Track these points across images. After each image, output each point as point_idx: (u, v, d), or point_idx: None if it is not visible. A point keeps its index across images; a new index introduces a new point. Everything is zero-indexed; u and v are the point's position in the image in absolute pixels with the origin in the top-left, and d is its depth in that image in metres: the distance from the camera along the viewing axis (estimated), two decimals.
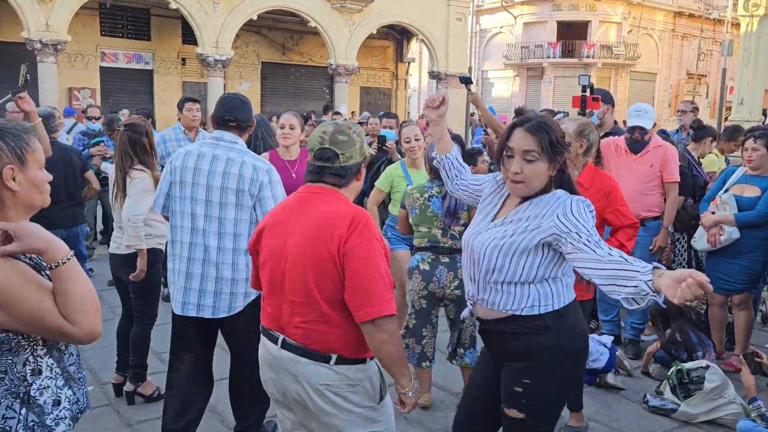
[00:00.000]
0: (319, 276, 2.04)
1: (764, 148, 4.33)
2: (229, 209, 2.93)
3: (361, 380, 2.12)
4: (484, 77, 37.86)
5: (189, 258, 2.97)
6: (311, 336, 2.08)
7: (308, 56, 22.91)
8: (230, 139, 3.02)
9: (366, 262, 2.01)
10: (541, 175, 2.15)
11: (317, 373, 2.08)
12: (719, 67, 28.20)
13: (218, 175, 2.92)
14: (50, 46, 16.18)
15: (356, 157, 2.16)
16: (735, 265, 4.40)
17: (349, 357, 2.09)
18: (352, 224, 2.03)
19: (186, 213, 2.97)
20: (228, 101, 3.07)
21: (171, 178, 3.02)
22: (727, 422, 3.69)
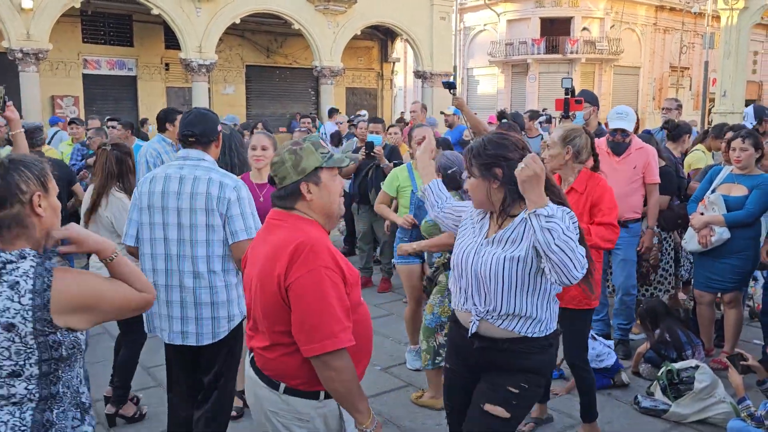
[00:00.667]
0: (267, 307, 2.01)
1: (752, 147, 4.37)
2: (200, 231, 2.82)
3: (312, 417, 2.04)
4: (469, 75, 37.92)
5: (166, 285, 2.88)
6: (265, 361, 2.08)
7: (293, 58, 22.82)
8: (196, 156, 2.90)
9: (308, 296, 1.92)
10: (478, 190, 2.31)
11: (269, 399, 2.08)
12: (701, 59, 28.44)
13: (186, 197, 2.81)
14: (31, 55, 15.99)
15: (290, 177, 2.06)
16: (725, 264, 4.44)
17: (296, 389, 2.03)
18: (294, 255, 1.94)
19: (158, 239, 2.87)
20: (187, 117, 2.96)
21: (139, 203, 2.91)
22: (717, 422, 3.72)
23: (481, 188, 2.30)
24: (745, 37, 19.28)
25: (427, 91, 22.76)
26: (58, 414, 1.78)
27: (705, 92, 25.88)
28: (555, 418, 3.81)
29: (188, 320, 2.88)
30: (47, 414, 1.75)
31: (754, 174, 4.43)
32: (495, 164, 2.25)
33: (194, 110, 3.03)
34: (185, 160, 2.91)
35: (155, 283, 2.88)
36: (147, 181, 2.92)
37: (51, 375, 1.75)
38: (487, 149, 2.28)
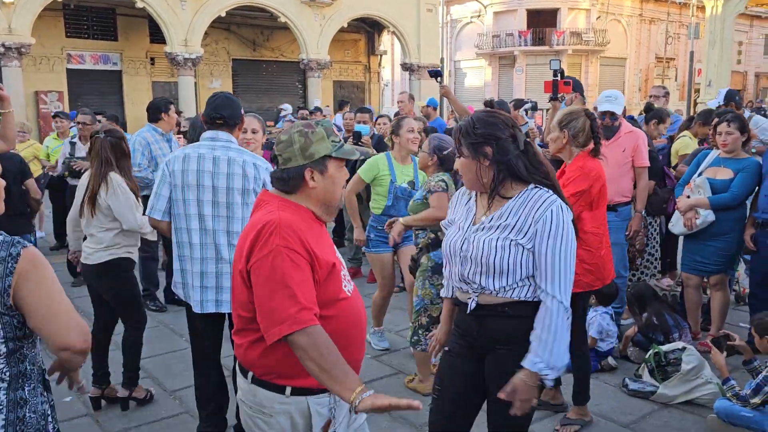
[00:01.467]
0: (237, 291, 1.96)
1: (738, 131, 4.40)
2: (236, 208, 3.03)
3: (275, 412, 1.93)
4: (456, 67, 37.92)
5: (201, 258, 3.07)
6: (236, 347, 2.04)
7: (279, 52, 22.71)
8: (225, 138, 3.09)
9: (268, 277, 1.82)
10: (468, 169, 2.27)
11: (240, 386, 2.05)
12: (687, 50, 28.64)
13: (222, 176, 3.02)
14: (14, 49, 15.81)
15: (296, 160, 1.95)
16: (711, 247, 4.48)
17: (261, 379, 1.95)
18: (258, 237, 1.85)
19: (193, 215, 3.06)
20: (214, 100, 3.14)
21: (172, 181, 3.07)
22: (704, 402, 3.76)
23: (471, 168, 2.25)
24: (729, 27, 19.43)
25: (414, 83, 22.74)
26: (29, 391, 1.81)
27: (690, 82, 26.06)
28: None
29: (222, 290, 3.08)
30: (20, 392, 1.78)
31: (741, 157, 4.47)
32: (485, 143, 2.21)
33: (221, 94, 3.20)
34: (214, 141, 3.08)
35: (189, 255, 3.09)
36: (179, 160, 3.07)
37: (17, 353, 1.78)
38: (476, 128, 2.23)
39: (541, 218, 2.15)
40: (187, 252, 3.10)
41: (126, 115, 18.16)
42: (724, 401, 3.46)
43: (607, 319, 4.39)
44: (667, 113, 6.06)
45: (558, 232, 2.15)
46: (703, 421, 3.61)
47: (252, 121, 4.05)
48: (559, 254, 2.15)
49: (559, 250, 2.15)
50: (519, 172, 2.22)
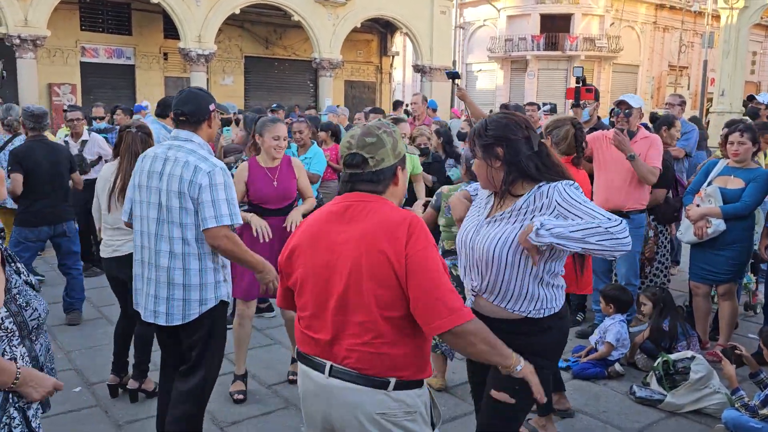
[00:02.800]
0: (377, 289, 1.87)
1: (750, 141, 4.40)
2: (175, 213, 2.82)
3: (418, 407, 1.96)
4: (468, 70, 37.89)
5: (144, 262, 2.92)
6: (367, 359, 1.89)
7: (292, 50, 22.77)
8: (184, 137, 2.90)
9: (429, 269, 1.86)
10: (480, 170, 2.33)
11: (374, 402, 1.90)
12: (700, 58, 28.47)
13: (165, 177, 2.83)
14: (29, 41, 15.93)
15: (389, 159, 1.98)
16: (720, 256, 4.46)
17: (408, 380, 1.92)
18: (410, 230, 1.88)
19: (144, 217, 2.92)
20: (179, 95, 2.95)
21: (133, 182, 2.99)
22: (712, 412, 3.75)
23: (483, 168, 2.32)
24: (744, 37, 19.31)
25: (426, 85, 22.75)
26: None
27: (703, 91, 25.94)
28: None
29: (159, 299, 2.87)
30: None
31: (751, 167, 4.46)
32: (496, 144, 2.26)
33: (187, 89, 3.02)
34: (174, 140, 2.93)
35: (137, 259, 2.98)
36: (140, 160, 2.99)
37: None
38: (488, 129, 2.28)
39: (554, 194, 2.21)
40: (138, 255, 2.97)
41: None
42: (732, 411, 3.45)
43: (625, 327, 4.38)
44: (674, 117, 6.02)
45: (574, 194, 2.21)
46: (710, 430, 3.59)
47: (283, 129, 4.10)
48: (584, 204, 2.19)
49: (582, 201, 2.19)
50: (529, 172, 2.25)
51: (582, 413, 3.81)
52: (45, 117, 5.20)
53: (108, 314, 5.41)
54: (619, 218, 2.13)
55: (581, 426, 3.66)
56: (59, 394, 3.83)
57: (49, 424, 3.56)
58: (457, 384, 4.09)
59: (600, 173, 4.75)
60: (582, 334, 4.95)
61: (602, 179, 4.73)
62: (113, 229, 3.82)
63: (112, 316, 5.37)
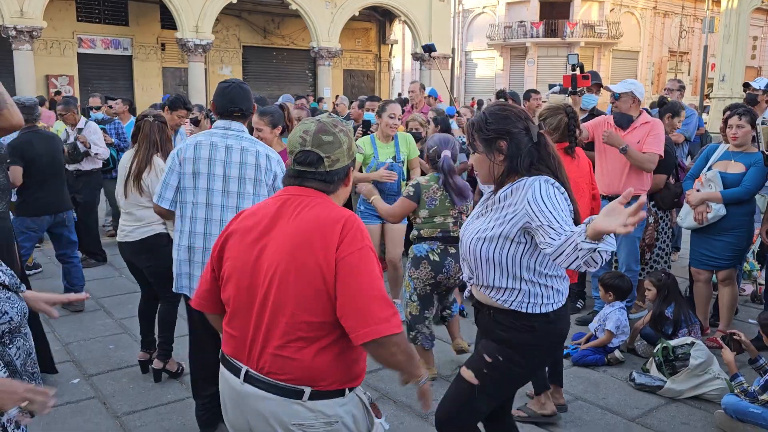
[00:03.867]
0: (305, 292, 1.76)
1: (749, 125, 4.35)
2: (246, 198, 3.00)
3: (340, 416, 1.83)
4: (467, 58, 37.71)
5: (204, 248, 3.00)
6: (284, 365, 1.78)
7: (290, 39, 22.66)
8: (238, 128, 3.07)
9: (361, 273, 1.75)
10: (482, 165, 2.26)
11: (288, 412, 1.79)
12: (701, 44, 28.33)
13: (234, 165, 2.99)
14: (25, 33, 15.85)
15: (343, 160, 1.90)
16: (720, 241, 4.43)
17: (326, 390, 1.80)
18: (344, 230, 1.78)
19: (200, 204, 3.02)
20: (230, 91, 3.06)
21: (181, 170, 3.03)
22: (712, 398, 3.74)
23: (485, 163, 2.25)
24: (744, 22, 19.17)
25: (425, 73, 22.64)
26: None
27: (704, 77, 25.81)
28: None
29: None
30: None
31: (751, 151, 4.42)
32: (498, 138, 2.20)
33: (234, 84, 3.11)
34: (227, 130, 3.05)
35: (192, 245, 3.05)
36: (191, 148, 3.03)
37: None
38: (489, 123, 2.21)
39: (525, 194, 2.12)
40: (188, 241, 3.04)
41: (136, 100, 18.18)
42: (732, 397, 3.44)
43: (625, 315, 4.36)
44: (681, 106, 5.97)
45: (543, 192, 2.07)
46: (710, 416, 3.58)
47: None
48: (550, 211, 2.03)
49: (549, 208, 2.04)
50: (521, 168, 2.19)
51: (581, 400, 3.81)
52: (36, 108, 5.19)
53: (107, 306, 5.40)
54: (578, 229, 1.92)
55: (581, 413, 3.66)
56: (57, 385, 3.85)
57: (46, 416, 3.56)
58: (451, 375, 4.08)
59: (600, 159, 4.73)
60: (582, 321, 4.94)
61: (603, 165, 4.72)
62: (126, 213, 3.92)
63: (110, 308, 5.37)
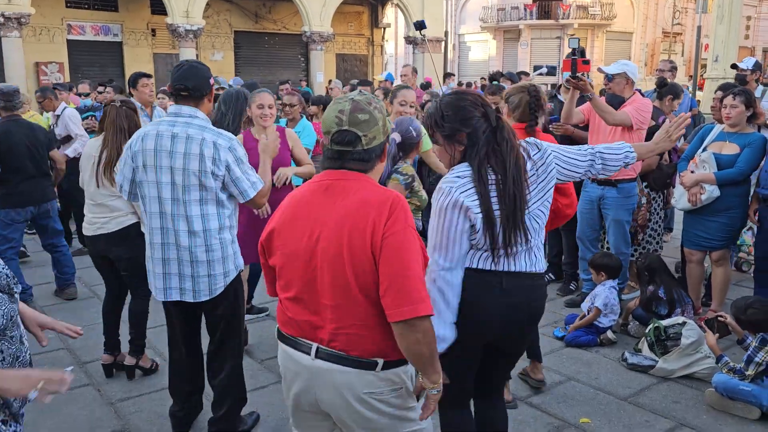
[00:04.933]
0: (358, 271, 1.82)
1: (743, 105, 4.34)
2: (193, 191, 2.80)
3: (404, 382, 1.97)
4: (460, 41, 37.50)
5: (163, 243, 2.88)
6: (353, 342, 1.87)
7: (282, 24, 22.45)
8: (188, 113, 2.84)
9: (402, 253, 1.80)
10: (443, 155, 2.29)
11: (362, 382, 1.89)
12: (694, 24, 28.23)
13: (179, 156, 2.77)
14: (13, 19, 15.64)
15: (380, 137, 1.93)
16: (714, 222, 4.44)
17: (395, 360, 1.91)
18: (391, 209, 1.82)
19: (153, 198, 2.85)
20: (179, 69, 2.87)
21: (133, 163, 2.88)
22: (703, 376, 3.78)
23: (446, 155, 2.28)
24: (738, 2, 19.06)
25: (418, 57, 22.48)
26: None
27: (697, 58, 25.73)
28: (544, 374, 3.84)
29: (185, 277, 2.89)
30: None
31: (746, 132, 4.41)
32: (458, 131, 2.21)
33: (186, 63, 2.94)
34: (176, 116, 2.85)
35: (151, 241, 2.92)
36: (139, 139, 2.87)
37: None
38: (445, 118, 2.21)
39: None
40: (151, 237, 2.92)
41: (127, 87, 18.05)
42: (722, 375, 3.49)
43: (615, 294, 4.39)
44: (681, 88, 5.97)
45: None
46: (701, 395, 3.62)
47: (268, 97, 4.15)
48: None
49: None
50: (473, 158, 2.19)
51: (574, 380, 3.84)
52: (16, 95, 5.11)
53: (100, 293, 5.38)
54: None
55: (573, 393, 3.69)
56: None
57: (41, 405, 3.56)
58: None
59: (592, 140, 4.73)
60: (571, 303, 4.97)
61: None
62: (97, 205, 3.76)
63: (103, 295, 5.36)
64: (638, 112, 4.52)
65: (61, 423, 3.41)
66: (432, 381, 1.92)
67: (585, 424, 3.35)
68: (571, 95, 4.61)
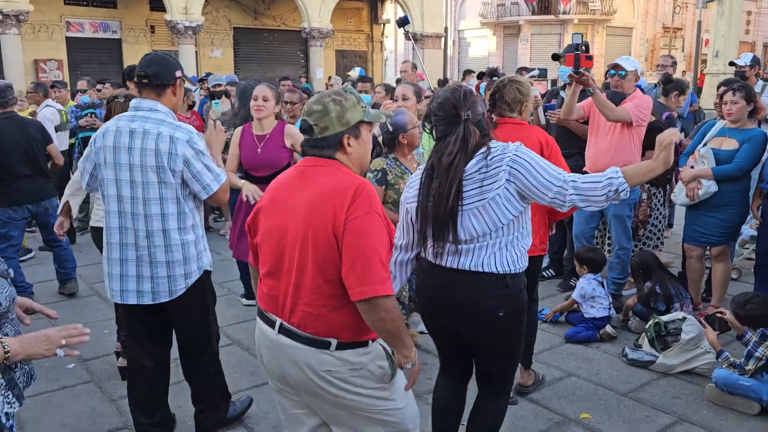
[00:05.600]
0: (319, 253, 1.96)
1: (743, 100, 4.33)
2: (152, 188, 2.69)
3: (364, 364, 2.06)
4: (460, 37, 37.41)
5: (121, 243, 2.78)
6: (311, 321, 2.01)
7: (281, 20, 22.41)
8: (148, 107, 2.73)
9: (364, 236, 1.93)
10: None
11: (318, 360, 2.01)
12: (695, 20, 28.16)
13: (137, 152, 2.67)
14: (12, 16, 15.62)
15: (334, 128, 2.04)
16: (713, 218, 4.44)
17: (349, 341, 2.02)
18: (355, 195, 1.96)
19: (113, 196, 2.76)
20: (145, 57, 2.79)
21: (95, 159, 2.79)
22: (703, 371, 3.78)
23: None
24: None
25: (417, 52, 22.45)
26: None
27: (697, 53, 25.69)
28: (544, 371, 3.84)
29: (143, 279, 2.78)
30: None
31: (747, 128, 4.41)
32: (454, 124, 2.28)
33: (154, 52, 2.89)
34: (136, 110, 2.75)
35: (109, 241, 2.82)
36: (100, 136, 2.78)
37: None
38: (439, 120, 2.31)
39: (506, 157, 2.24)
40: (109, 237, 2.80)
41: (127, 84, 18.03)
42: (722, 371, 3.49)
43: (594, 284, 4.39)
44: (687, 84, 5.96)
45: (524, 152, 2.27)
46: (701, 390, 3.63)
47: (264, 90, 4.18)
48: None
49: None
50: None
51: (575, 376, 3.84)
52: (9, 91, 5.08)
53: (101, 291, 5.40)
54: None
55: (574, 388, 3.69)
56: (52, 370, 3.86)
57: (42, 401, 3.58)
58: None
59: (591, 137, 4.73)
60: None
61: (592, 143, 4.72)
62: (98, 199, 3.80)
63: (104, 293, 5.32)
64: (638, 109, 4.51)
65: (63, 419, 3.42)
66: (404, 355, 2.06)
67: (585, 420, 3.36)
68: (572, 91, 4.60)
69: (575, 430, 3.26)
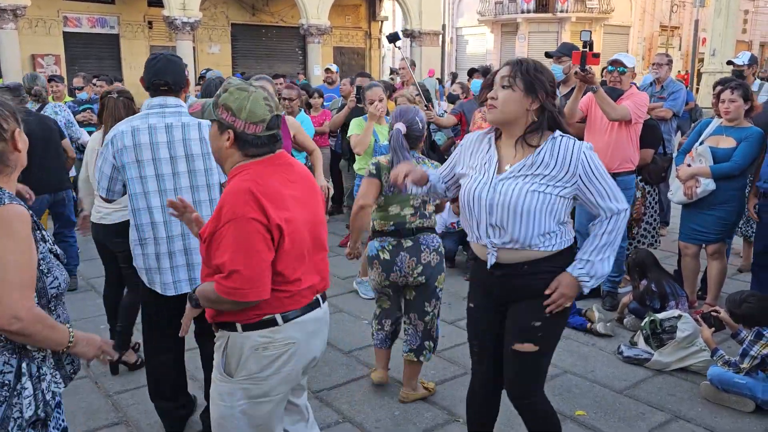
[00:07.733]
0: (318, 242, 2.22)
1: (741, 99, 4.34)
2: (199, 176, 2.83)
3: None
4: (458, 35, 37.40)
5: (167, 237, 2.84)
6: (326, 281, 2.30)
7: (279, 17, 22.38)
8: (175, 103, 2.85)
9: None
10: (514, 102, 2.26)
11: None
12: (692, 18, 28.20)
13: (179, 144, 2.79)
14: (9, 11, 15.58)
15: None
16: (710, 216, 4.46)
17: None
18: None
19: (152, 192, 2.79)
20: (155, 64, 2.85)
21: (115, 160, 2.78)
22: (698, 369, 3.80)
23: (521, 103, 2.27)
24: None
25: (415, 50, 22.46)
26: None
27: (694, 52, 25.75)
28: None
29: (194, 266, 2.86)
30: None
31: (743, 126, 4.41)
32: (539, 88, 2.27)
33: (161, 57, 2.91)
34: (163, 108, 2.83)
35: (155, 236, 2.85)
36: (128, 135, 2.77)
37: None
38: (538, 71, 2.29)
39: (579, 162, 2.25)
40: (150, 233, 2.84)
41: (124, 79, 17.98)
42: (717, 368, 3.51)
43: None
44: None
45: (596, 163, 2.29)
46: (696, 387, 3.64)
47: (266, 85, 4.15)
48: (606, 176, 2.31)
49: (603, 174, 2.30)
50: (559, 123, 2.31)
51: (570, 373, 3.85)
52: (20, 89, 5.14)
53: (98, 287, 5.39)
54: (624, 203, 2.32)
55: (569, 385, 3.70)
56: None
57: None
58: (446, 348, 4.13)
59: (588, 134, 4.73)
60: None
61: (589, 140, 4.70)
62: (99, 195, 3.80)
63: (102, 289, 5.34)
64: (636, 107, 4.53)
65: None
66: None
67: (581, 417, 3.37)
68: (575, 94, 4.54)
69: (570, 426, 3.27)
